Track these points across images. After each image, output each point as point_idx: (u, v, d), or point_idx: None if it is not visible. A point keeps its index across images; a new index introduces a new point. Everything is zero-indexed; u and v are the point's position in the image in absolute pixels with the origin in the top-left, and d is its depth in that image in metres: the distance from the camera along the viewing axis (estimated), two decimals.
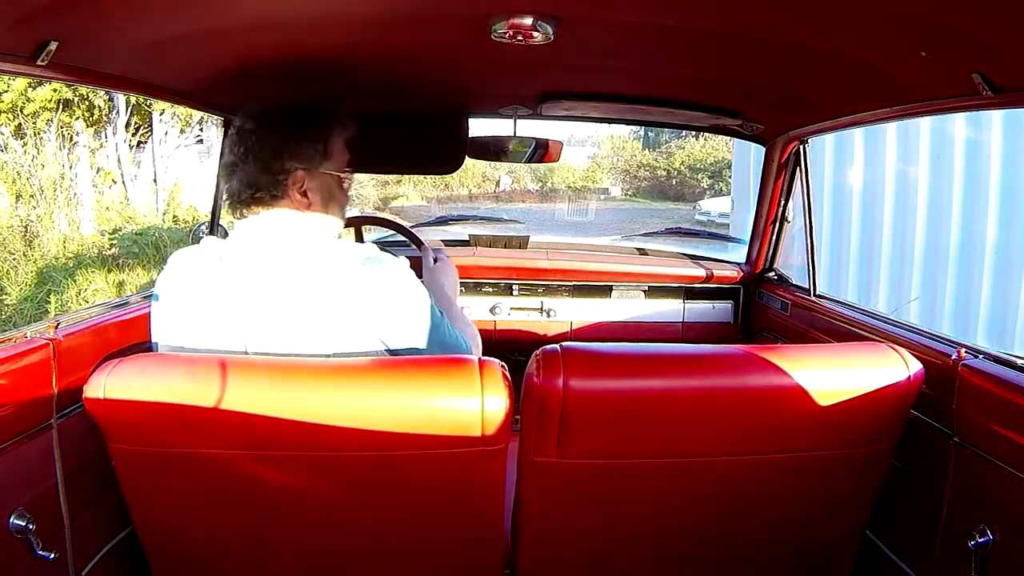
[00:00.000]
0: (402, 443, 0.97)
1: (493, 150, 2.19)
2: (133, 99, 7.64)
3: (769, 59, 1.36)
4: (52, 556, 1.10)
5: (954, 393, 1.20)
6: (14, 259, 6.34)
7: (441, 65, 1.55)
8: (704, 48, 1.34)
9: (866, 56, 1.23)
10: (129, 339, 1.42)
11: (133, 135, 8.20)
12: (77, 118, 7.51)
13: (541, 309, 2.27)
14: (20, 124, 7.09)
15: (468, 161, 2.12)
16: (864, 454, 1.10)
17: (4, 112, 6.99)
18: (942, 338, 1.35)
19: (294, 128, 1.22)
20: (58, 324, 1.22)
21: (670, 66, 1.53)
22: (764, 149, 2.07)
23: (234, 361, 1.03)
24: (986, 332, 4.59)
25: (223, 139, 1.88)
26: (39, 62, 1.06)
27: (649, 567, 1.18)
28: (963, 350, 1.22)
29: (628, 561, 1.17)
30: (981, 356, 1.21)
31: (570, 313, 2.28)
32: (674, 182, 15.10)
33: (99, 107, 7.67)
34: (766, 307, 2.18)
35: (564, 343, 1.01)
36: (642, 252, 2.50)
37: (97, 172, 7.67)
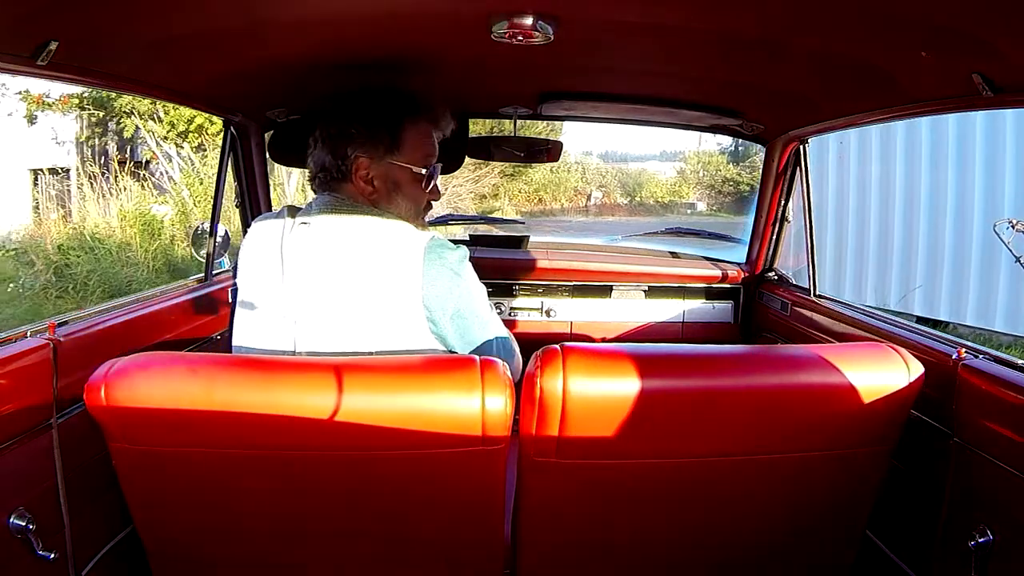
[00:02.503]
0: (402, 442, 0.97)
1: (493, 150, 2.19)
2: None
3: (769, 59, 1.36)
4: (52, 556, 1.10)
5: (954, 393, 1.19)
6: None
7: (441, 65, 1.55)
8: (704, 48, 1.34)
9: (866, 56, 1.23)
10: (129, 339, 1.42)
11: None
12: None
13: (541, 309, 2.27)
14: (202, 143, 8.62)
15: (561, 176, 2.12)
16: (864, 454, 1.10)
17: (192, 132, 8.55)
18: (942, 338, 1.35)
19: (362, 115, 1.23)
20: (58, 324, 1.22)
21: (670, 66, 1.53)
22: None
23: (235, 361, 1.03)
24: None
25: (223, 140, 1.88)
26: (39, 62, 1.06)
27: (649, 566, 1.18)
28: (963, 350, 1.22)
29: (628, 561, 1.17)
30: (981, 356, 1.21)
31: (570, 313, 2.28)
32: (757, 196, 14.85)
33: None
34: (766, 307, 2.18)
35: (564, 343, 1.01)
36: (642, 252, 2.50)
37: None
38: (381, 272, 1.12)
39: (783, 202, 2.13)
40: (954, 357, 1.21)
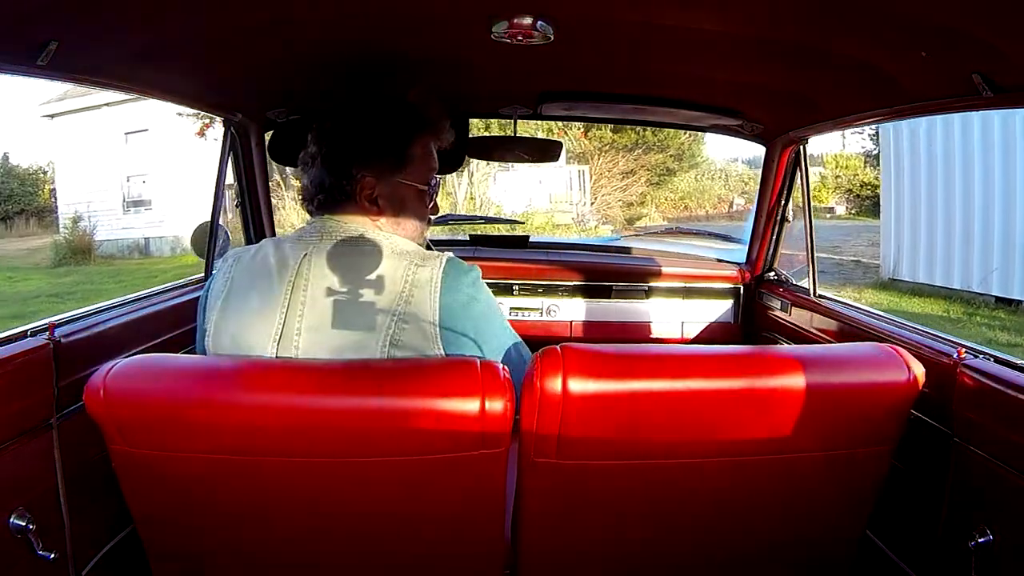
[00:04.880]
0: (402, 446, 0.97)
1: (493, 150, 2.20)
2: None
3: (769, 59, 1.36)
4: (52, 556, 1.10)
5: (954, 393, 1.19)
6: None
7: (441, 65, 1.55)
8: (704, 48, 1.34)
9: (866, 56, 1.23)
10: (129, 339, 1.42)
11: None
12: None
13: (541, 309, 2.27)
14: None
15: (705, 184, 2.12)
16: (864, 454, 1.10)
17: None
18: (942, 338, 1.35)
19: (368, 131, 1.15)
20: (58, 324, 1.22)
21: (670, 66, 1.53)
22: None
23: (234, 363, 1.03)
24: None
25: (223, 142, 1.88)
26: (39, 62, 1.06)
27: (649, 567, 1.18)
28: (963, 350, 1.22)
29: (629, 561, 1.17)
30: (981, 356, 1.21)
31: (570, 313, 2.28)
32: None
33: None
34: (766, 307, 2.18)
35: (564, 343, 1.01)
36: (642, 252, 2.50)
37: None
38: (398, 303, 1.06)
39: (783, 202, 2.13)
40: (954, 357, 1.21)
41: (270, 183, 2.14)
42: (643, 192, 12.66)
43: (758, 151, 2.08)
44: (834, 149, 15.93)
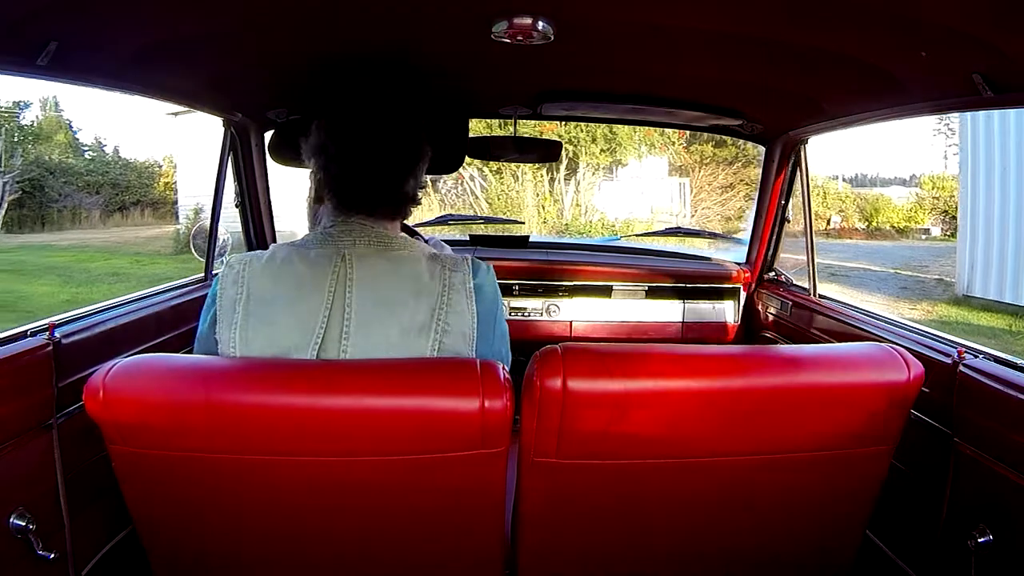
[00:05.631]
0: (401, 446, 0.97)
1: (493, 150, 2.20)
2: (570, 151, 11.58)
3: (769, 59, 1.36)
4: (52, 556, 1.10)
5: (954, 393, 1.19)
6: None
7: (441, 65, 1.55)
8: (704, 48, 1.34)
9: (866, 56, 1.23)
10: (129, 339, 1.42)
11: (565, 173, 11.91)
12: (536, 166, 11.09)
13: (541, 309, 2.27)
14: (499, 168, 11.00)
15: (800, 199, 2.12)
16: (864, 454, 1.10)
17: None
18: (942, 338, 1.35)
19: (430, 127, 1.20)
20: (58, 324, 1.22)
21: (670, 66, 1.53)
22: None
23: (233, 363, 1.03)
24: None
25: (223, 142, 1.88)
26: (39, 62, 1.06)
27: (649, 567, 1.18)
28: (963, 350, 1.22)
29: (628, 561, 1.17)
30: (981, 356, 1.21)
31: (570, 313, 2.29)
32: None
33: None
34: (766, 307, 2.18)
35: (564, 343, 1.01)
36: (642, 252, 2.50)
37: (537, 196, 11.42)
38: (440, 307, 1.07)
39: (783, 202, 2.13)
40: (954, 357, 1.21)
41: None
42: (741, 207, 12.77)
43: (861, 168, 2.09)
44: (934, 170, 16.13)
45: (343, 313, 1.05)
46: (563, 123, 11.15)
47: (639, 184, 12.41)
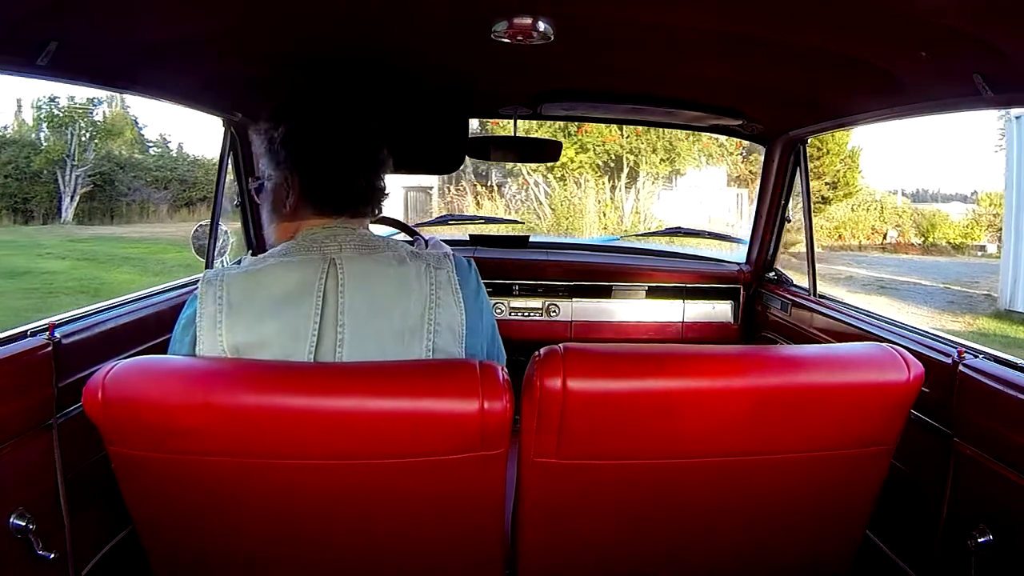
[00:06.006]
0: (401, 448, 0.97)
1: (493, 150, 2.20)
2: (631, 161, 12.60)
3: (769, 59, 1.36)
4: (52, 556, 1.10)
5: (954, 393, 1.19)
6: None
7: (441, 65, 1.55)
8: (704, 48, 1.34)
9: (866, 56, 1.23)
10: (129, 339, 1.42)
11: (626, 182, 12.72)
12: (599, 174, 12.49)
13: (541, 309, 2.27)
14: (563, 175, 12.36)
15: (860, 215, 2.12)
16: (864, 454, 1.10)
17: (555, 167, 12.05)
18: (942, 338, 1.35)
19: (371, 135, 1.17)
20: (58, 324, 1.22)
21: (670, 66, 1.53)
22: None
23: (233, 365, 1.03)
24: None
25: (223, 142, 1.88)
26: (39, 62, 1.06)
27: (649, 566, 1.18)
28: (963, 350, 1.22)
29: (629, 561, 1.17)
30: (981, 356, 1.21)
31: (570, 313, 2.28)
32: None
33: (607, 164, 12.75)
34: (766, 307, 2.18)
35: (564, 343, 1.01)
36: (642, 252, 2.50)
37: (598, 203, 12.04)
38: (430, 306, 1.07)
39: (783, 202, 2.13)
40: (954, 357, 1.21)
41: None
42: (798, 219, 12.90)
43: (923, 184, 2.10)
44: (993, 187, 16.04)
45: (336, 319, 1.04)
46: (625, 134, 12.08)
47: (697, 193, 12.76)
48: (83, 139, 15.44)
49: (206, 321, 1.04)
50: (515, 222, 7.39)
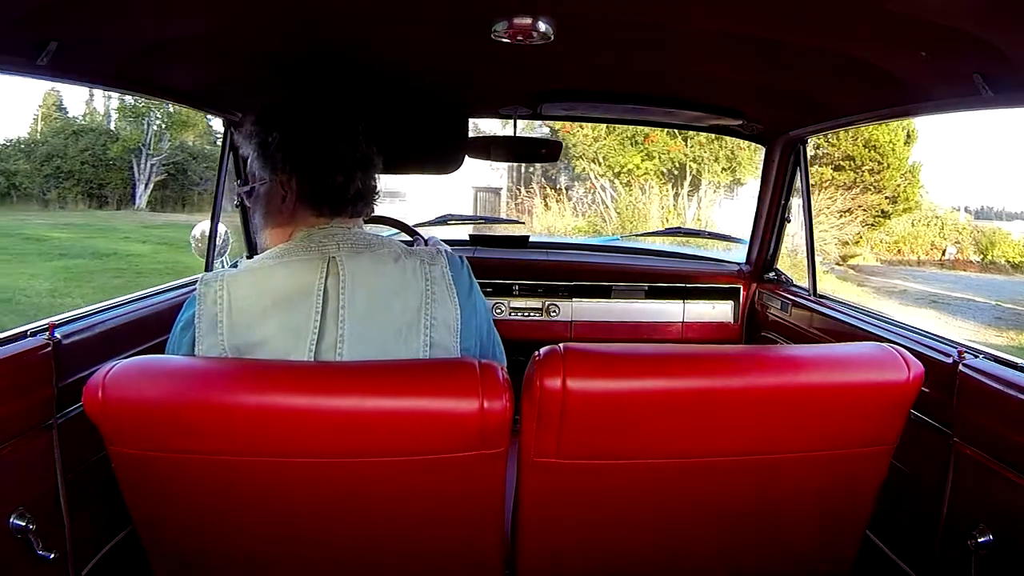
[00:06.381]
0: (401, 447, 0.97)
1: (493, 150, 2.20)
2: (695, 169, 13.02)
3: (770, 59, 1.36)
4: (52, 556, 1.10)
5: (954, 393, 1.19)
6: None
7: (441, 65, 1.55)
8: (704, 48, 1.34)
9: (866, 56, 1.23)
10: (129, 339, 1.42)
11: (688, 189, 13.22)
12: (663, 181, 12.97)
13: (541, 309, 2.27)
14: (629, 181, 12.84)
15: (920, 231, 2.12)
16: (864, 454, 1.10)
17: (622, 173, 13.03)
18: (942, 338, 1.35)
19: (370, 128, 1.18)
20: (58, 324, 1.22)
21: (670, 66, 1.53)
22: None
23: (233, 364, 1.03)
24: None
25: (223, 142, 1.88)
26: (39, 62, 1.06)
27: (649, 566, 1.18)
28: (963, 350, 1.22)
29: (628, 561, 1.17)
30: (981, 356, 1.21)
31: (570, 313, 2.28)
32: None
33: (671, 172, 13.22)
34: (766, 307, 2.18)
35: (564, 343, 1.01)
36: (642, 252, 2.50)
37: (661, 209, 12.37)
38: (426, 302, 1.08)
39: (783, 202, 2.13)
40: (954, 357, 1.21)
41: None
42: (858, 232, 13.01)
43: (988, 202, 2.10)
44: None
45: (337, 315, 1.04)
46: (689, 144, 12.42)
47: (755, 204, 12.97)
48: (159, 129, 15.91)
49: (205, 323, 1.05)
50: (516, 222, 7.38)
